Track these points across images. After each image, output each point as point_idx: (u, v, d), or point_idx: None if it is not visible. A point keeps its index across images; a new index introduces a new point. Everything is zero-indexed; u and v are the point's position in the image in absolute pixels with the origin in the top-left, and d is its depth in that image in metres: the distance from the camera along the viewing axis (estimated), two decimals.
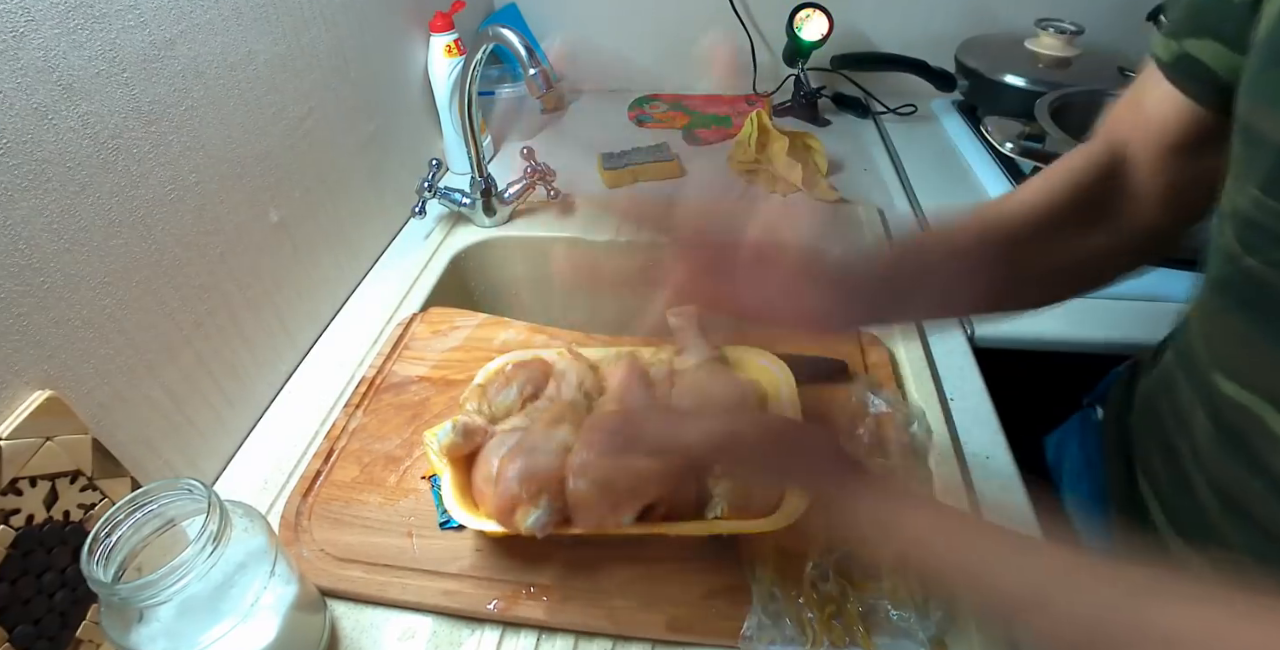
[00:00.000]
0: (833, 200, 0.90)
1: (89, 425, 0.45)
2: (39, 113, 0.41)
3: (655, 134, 1.08)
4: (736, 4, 1.12)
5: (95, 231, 0.46)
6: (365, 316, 0.75)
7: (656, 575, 0.48)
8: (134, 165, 0.48)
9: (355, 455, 0.58)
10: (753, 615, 0.45)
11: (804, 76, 1.11)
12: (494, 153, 1.06)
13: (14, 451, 0.40)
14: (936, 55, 1.08)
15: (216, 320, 0.57)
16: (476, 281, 0.90)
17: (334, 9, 0.71)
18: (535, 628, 0.47)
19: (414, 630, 0.47)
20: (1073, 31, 0.98)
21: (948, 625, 0.45)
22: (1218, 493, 0.42)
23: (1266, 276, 0.36)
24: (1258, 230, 0.36)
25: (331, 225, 0.73)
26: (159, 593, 0.35)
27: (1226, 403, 0.41)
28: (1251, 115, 0.36)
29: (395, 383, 0.65)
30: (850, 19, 1.10)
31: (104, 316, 0.47)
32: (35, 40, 0.41)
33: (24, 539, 0.40)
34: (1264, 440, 0.38)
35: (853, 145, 1.05)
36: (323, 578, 0.49)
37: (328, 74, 0.71)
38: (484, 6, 1.15)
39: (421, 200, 0.83)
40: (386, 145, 0.84)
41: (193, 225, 0.54)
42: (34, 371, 0.42)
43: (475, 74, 0.76)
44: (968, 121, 1.07)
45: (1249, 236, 0.37)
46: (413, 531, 0.52)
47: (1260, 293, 0.37)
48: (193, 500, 0.39)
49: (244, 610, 0.38)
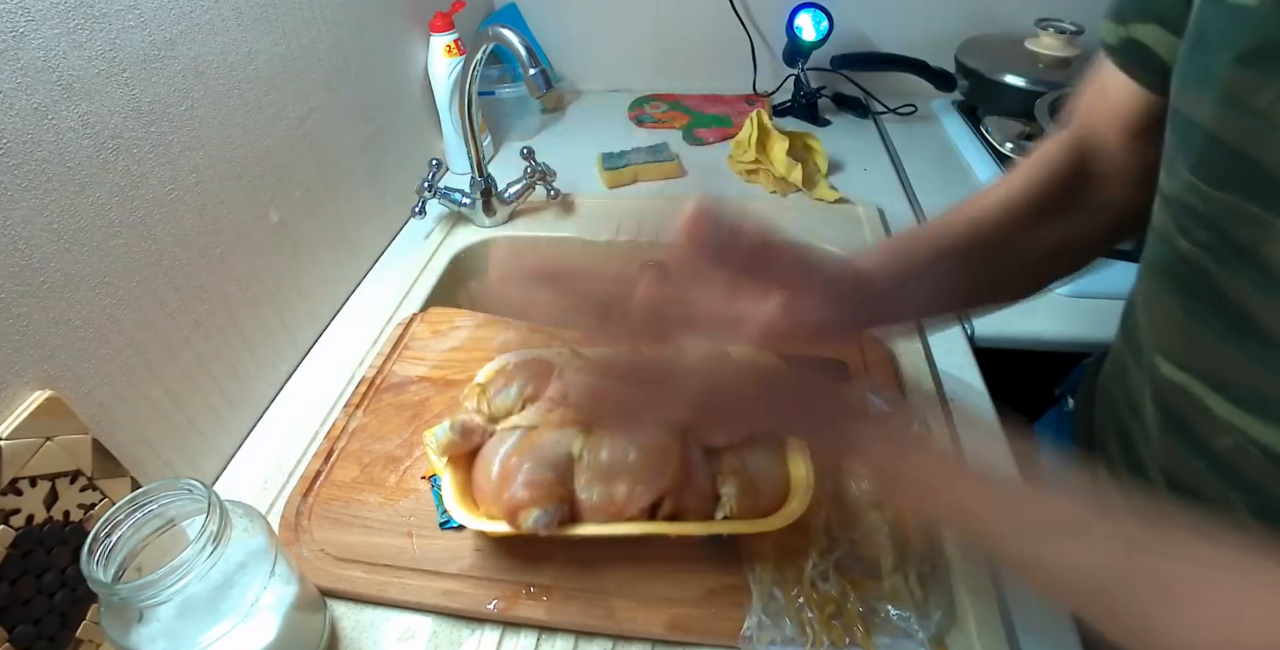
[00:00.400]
0: (833, 200, 0.90)
1: (89, 425, 0.45)
2: (39, 113, 0.41)
3: (655, 134, 1.08)
4: (736, 4, 1.12)
5: (95, 231, 0.46)
6: (365, 316, 0.75)
7: (656, 575, 0.48)
8: (134, 165, 0.48)
9: (355, 455, 0.58)
10: (753, 615, 0.45)
11: (804, 76, 1.11)
12: (494, 153, 1.06)
13: (14, 451, 0.40)
14: (936, 55, 1.08)
15: (216, 320, 0.57)
16: (477, 281, 0.90)
17: (334, 9, 0.71)
18: (535, 628, 0.47)
19: (414, 630, 0.47)
20: (1073, 31, 0.98)
21: (948, 625, 0.46)
22: (1165, 474, 0.43)
23: (1198, 259, 0.37)
24: (1190, 213, 0.37)
25: (331, 225, 0.73)
26: (159, 593, 0.35)
27: (1168, 385, 0.41)
28: (1179, 99, 0.37)
29: (395, 383, 0.65)
30: (850, 19, 1.10)
31: (104, 316, 0.47)
32: (35, 40, 0.41)
33: (24, 539, 0.40)
34: (1204, 422, 0.38)
35: (853, 145, 1.05)
36: (323, 578, 0.49)
37: (328, 74, 0.71)
38: (484, 6, 1.15)
39: (421, 200, 0.83)
40: (386, 145, 0.84)
41: (193, 225, 0.54)
42: (34, 371, 0.42)
43: (475, 74, 0.76)
44: (968, 121, 1.07)
45: (1182, 219, 0.37)
46: (413, 531, 0.52)
47: (1194, 274, 0.37)
48: (193, 500, 0.39)
49: (244, 610, 0.38)
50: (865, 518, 0.51)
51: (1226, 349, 0.36)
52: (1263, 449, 0.35)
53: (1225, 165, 0.34)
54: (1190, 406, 0.39)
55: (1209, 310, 0.37)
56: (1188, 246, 0.37)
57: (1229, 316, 0.35)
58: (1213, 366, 0.38)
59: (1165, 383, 0.41)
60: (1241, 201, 0.33)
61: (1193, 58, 0.36)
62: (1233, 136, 0.33)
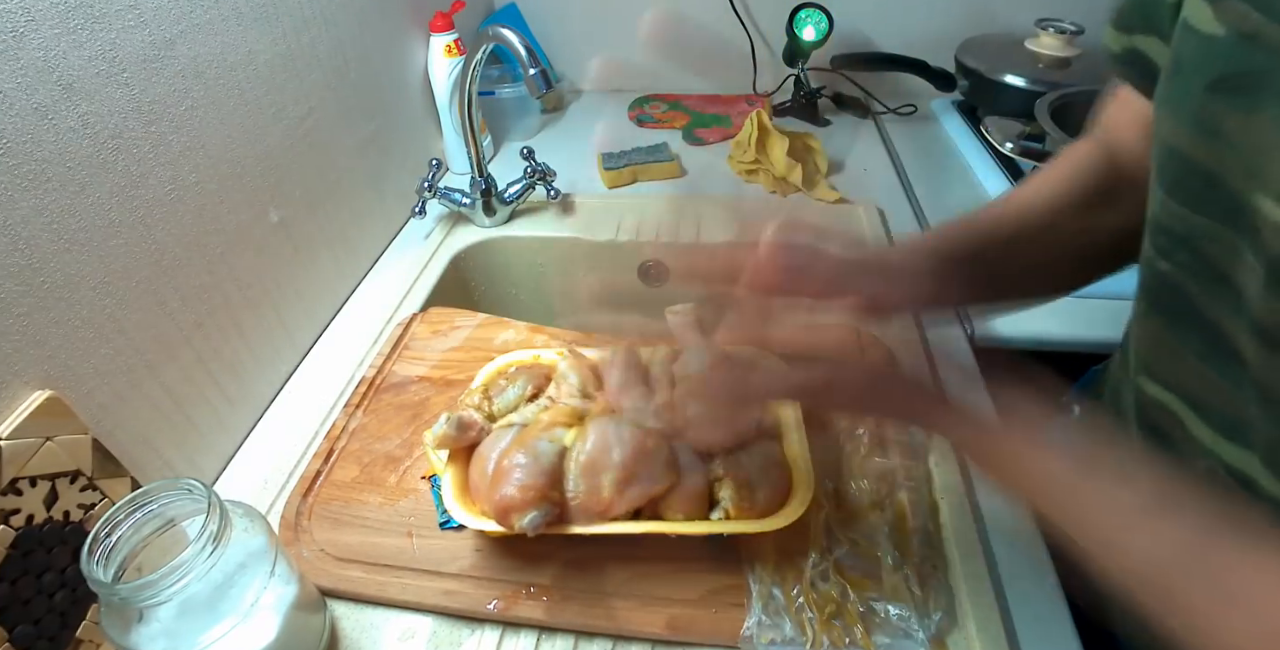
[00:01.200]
0: (833, 200, 0.90)
1: (89, 425, 0.45)
2: (39, 113, 0.41)
3: (655, 134, 1.08)
4: (736, 4, 1.12)
5: (95, 231, 0.46)
6: (365, 316, 0.75)
7: (656, 575, 0.48)
8: (134, 165, 0.48)
9: (355, 455, 0.58)
10: (753, 615, 0.45)
11: (804, 76, 1.11)
12: (494, 153, 1.06)
13: (14, 451, 0.40)
14: (936, 55, 1.08)
15: (216, 320, 0.57)
16: (476, 281, 0.90)
17: (334, 9, 0.71)
18: (535, 628, 0.47)
19: (414, 630, 0.47)
20: (1073, 31, 0.98)
21: (948, 625, 0.46)
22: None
23: (1179, 280, 0.37)
24: (1168, 235, 0.37)
25: (331, 225, 0.73)
26: (159, 593, 0.35)
27: (1152, 403, 0.42)
28: (1158, 123, 0.37)
29: (395, 383, 0.65)
30: (850, 19, 1.10)
31: (104, 316, 0.47)
32: (35, 40, 0.41)
33: (24, 539, 0.40)
34: (1185, 441, 0.39)
35: (853, 145, 1.05)
36: (323, 578, 0.49)
37: (328, 74, 0.71)
38: (484, 6, 1.15)
39: (421, 200, 0.83)
40: (386, 145, 0.84)
41: (193, 225, 0.54)
42: (34, 371, 0.42)
43: (475, 74, 0.76)
44: (968, 121, 1.07)
45: (1161, 241, 0.38)
46: (413, 531, 0.52)
47: (1175, 295, 0.38)
48: (193, 500, 0.39)
49: (244, 610, 0.38)
50: (865, 518, 0.51)
51: (1205, 370, 0.37)
52: (1234, 473, 0.36)
53: (1199, 189, 0.34)
54: (1173, 426, 0.40)
55: (1189, 331, 0.38)
56: (1169, 268, 0.38)
57: (1208, 338, 0.36)
58: (1193, 387, 0.39)
59: (1150, 401, 0.42)
60: (1214, 224, 0.34)
61: (1170, 83, 0.36)
62: (1205, 161, 0.34)
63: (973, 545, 0.50)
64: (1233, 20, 0.31)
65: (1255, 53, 0.30)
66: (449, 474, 0.48)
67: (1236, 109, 0.31)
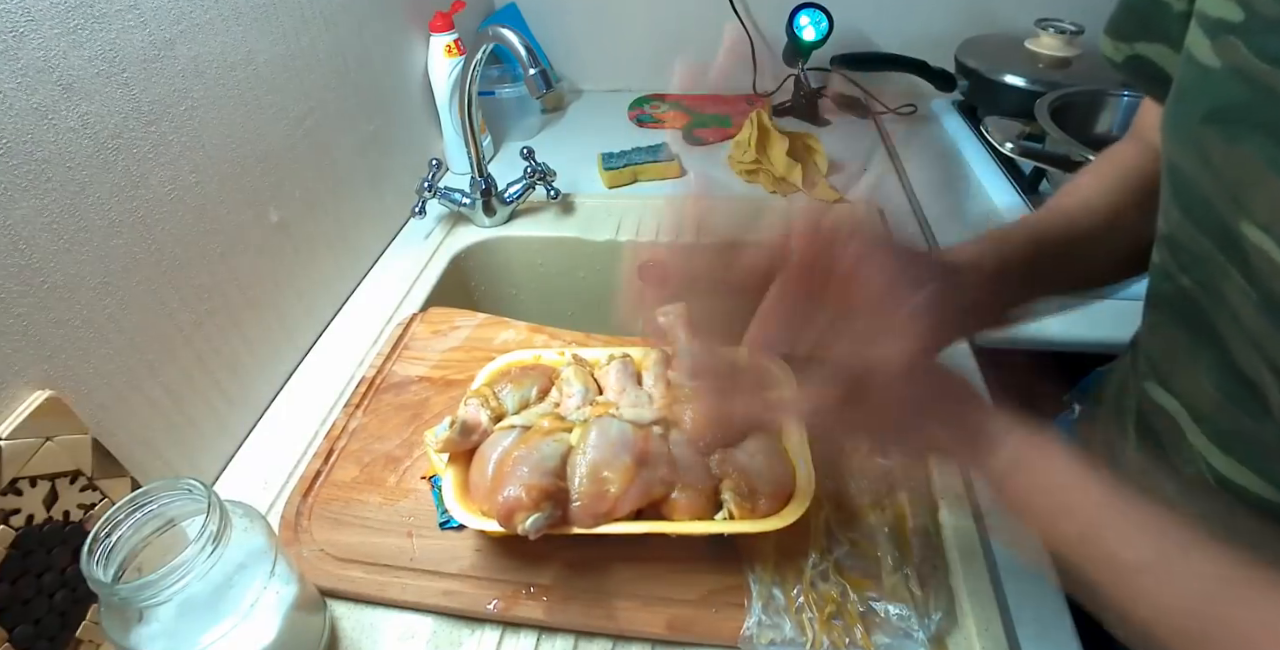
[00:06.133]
0: (833, 200, 0.90)
1: (89, 425, 0.45)
2: (39, 113, 0.41)
3: (655, 134, 1.08)
4: (736, 4, 1.12)
5: (95, 231, 0.46)
6: (365, 316, 0.75)
7: (656, 575, 0.48)
8: (134, 165, 0.48)
9: (355, 455, 0.58)
10: (753, 615, 0.45)
11: (804, 76, 1.11)
12: (494, 153, 1.06)
13: (14, 451, 0.40)
14: (936, 55, 1.08)
15: (216, 320, 0.57)
16: (476, 281, 0.90)
17: (334, 9, 0.71)
18: (535, 628, 0.47)
19: (414, 630, 0.47)
20: (1073, 31, 0.98)
21: (948, 625, 0.46)
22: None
23: (1196, 295, 0.38)
24: (1186, 250, 0.38)
25: (331, 225, 0.73)
26: (159, 593, 0.35)
27: (1154, 408, 0.42)
28: (1166, 146, 0.38)
29: (395, 383, 0.65)
30: (850, 19, 1.10)
31: (104, 317, 0.47)
32: (35, 40, 0.41)
33: (24, 539, 0.40)
34: (1180, 449, 0.40)
35: (853, 145, 1.05)
36: (323, 578, 0.49)
37: (328, 74, 0.71)
38: (484, 6, 1.15)
39: (421, 200, 0.83)
40: (386, 145, 0.84)
41: (193, 225, 0.54)
42: (34, 371, 0.42)
43: (475, 74, 0.76)
44: (968, 121, 1.07)
45: (1182, 256, 0.38)
46: (413, 531, 0.52)
47: (1193, 309, 0.38)
48: (193, 500, 0.39)
49: (244, 610, 0.38)
50: (865, 518, 0.51)
51: (1212, 383, 0.37)
52: (1225, 483, 0.37)
53: (1202, 212, 0.35)
54: (1172, 432, 0.41)
55: (1204, 345, 0.38)
56: (1188, 283, 0.38)
57: (1217, 352, 0.37)
58: (1199, 398, 0.39)
59: (1153, 406, 0.43)
60: (1214, 248, 0.35)
61: (1174, 109, 0.37)
62: (1201, 186, 0.35)
63: (973, 545, 0.50)
64: (1227, 54, 0.33)
65: (1241, 87, 0.32)
66: (449, 474, 0.48)
67: (1224, 140, 0.33)
